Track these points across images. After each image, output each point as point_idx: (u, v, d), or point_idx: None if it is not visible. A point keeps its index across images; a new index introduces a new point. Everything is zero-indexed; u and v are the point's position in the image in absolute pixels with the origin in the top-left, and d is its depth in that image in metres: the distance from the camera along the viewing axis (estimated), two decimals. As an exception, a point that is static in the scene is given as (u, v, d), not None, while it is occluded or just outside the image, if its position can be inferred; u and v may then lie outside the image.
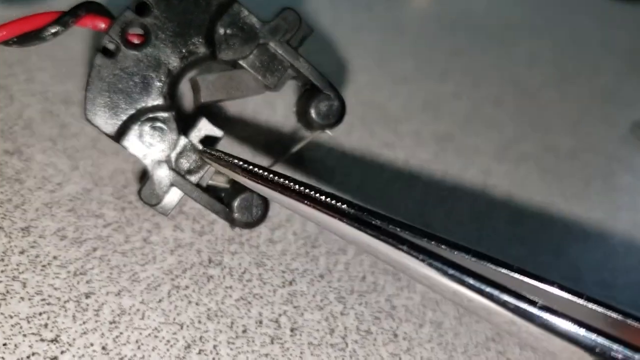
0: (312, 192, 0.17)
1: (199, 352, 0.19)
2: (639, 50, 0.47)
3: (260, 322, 0.20)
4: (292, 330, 0.20)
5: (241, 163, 0.19)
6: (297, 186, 0.17)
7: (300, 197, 0.17)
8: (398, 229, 0.15)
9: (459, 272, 0.14)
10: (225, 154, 0.19)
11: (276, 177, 0.18)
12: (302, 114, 0.22)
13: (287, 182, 0.17)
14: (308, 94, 0.22)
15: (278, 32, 0.21)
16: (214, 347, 0.19)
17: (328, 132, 0.22)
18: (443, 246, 0.15)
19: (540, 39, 0.44)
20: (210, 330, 0.19)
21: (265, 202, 0.21)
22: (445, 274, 0.14)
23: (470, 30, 0.41)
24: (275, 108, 0.28)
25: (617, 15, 0.50)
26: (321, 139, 0.28)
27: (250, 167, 0.18)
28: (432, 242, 0.15)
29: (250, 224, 0.21)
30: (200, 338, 0.19)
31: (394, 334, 0.21)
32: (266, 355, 0.19)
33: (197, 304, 0.20)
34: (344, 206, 0.16)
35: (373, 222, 0.15)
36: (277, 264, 0.22)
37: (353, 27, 0.36)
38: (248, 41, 0.21)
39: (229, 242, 0.22)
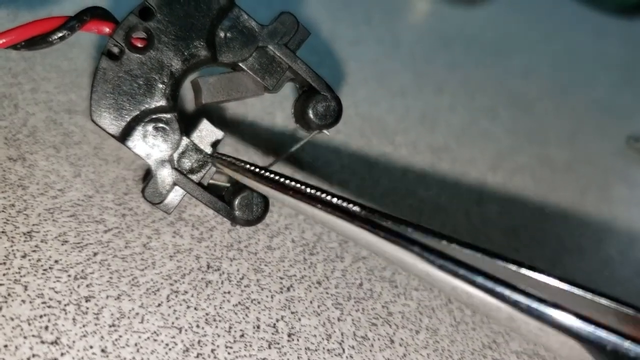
0: (324, 195, 0.17)
1: (197, 356, 0.19)
2: (634, 64, 0.48)
3: (258, 327, 0.20)
4: (289, 335, 0.20)
5: (253, 168, 0.19)
6: (308, 189, 0.17)
7: (313, 200, 0.17)
8: (409, 230, 0.15)
9: (470, 272, 0.13)
10: (237, 159, 0.20)
11: (287, 181, 0.18)
12: (300, 115, 0.23)
13: (298, 185, 0.18)
14: (306, 95, 0.22)
15: (276, 35, 0.21)
16: (212, 350, 0.19)
17: (325, 132, 0.23)
18: (453, 245, 0.15)
19: (535, 53, 0.45)
20: (208, 334, 0.20)
21: (265, 201, 0.21)
22: (455, 274, 0.13)
23: (466, 44, 0.42)
24: (274, 110, 0.29)
25: (611, 30, 0.51)
26: (320, 149, 0.28)
27: (262, 171, 0.19)
28: (443, 242, 0.15)
29: (251, 222, 0.21)
30: (199, 342, 0.19)
31: (390, 340, 0.22)
32: (264, 359, 0.19)
33: (195, 308, 0.20)
34: (355, 208, 0.16)
35: (383, 223, 0.15)
36: (275, 270, 0.22)
37: (351, 41, 0.37)
38: (247, 44, 0.21)
39: (228, 248, 0.22)
